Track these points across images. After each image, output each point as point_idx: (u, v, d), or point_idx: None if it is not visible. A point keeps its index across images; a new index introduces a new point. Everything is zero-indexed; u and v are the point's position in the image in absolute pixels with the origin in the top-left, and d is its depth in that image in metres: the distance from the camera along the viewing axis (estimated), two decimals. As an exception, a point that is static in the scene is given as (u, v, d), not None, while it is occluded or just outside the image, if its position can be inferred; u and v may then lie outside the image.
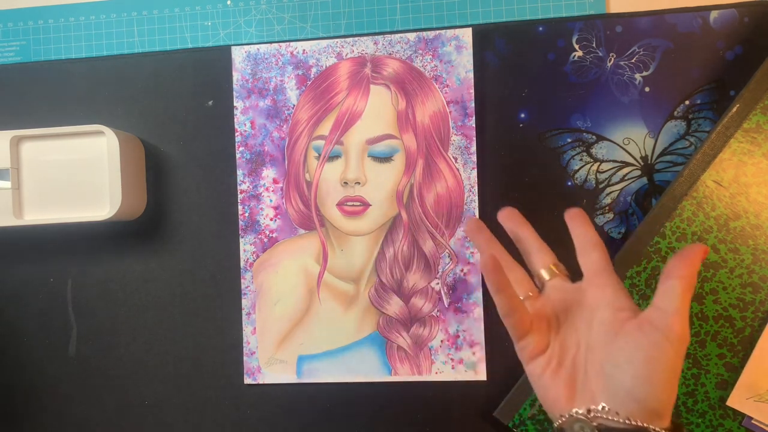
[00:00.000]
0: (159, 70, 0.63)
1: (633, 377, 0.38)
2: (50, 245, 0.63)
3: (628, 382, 0.38)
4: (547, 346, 0.43)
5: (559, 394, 0.41)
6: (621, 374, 0.38)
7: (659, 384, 0.37)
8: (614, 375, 0.38)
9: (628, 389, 0.38)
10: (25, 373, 0.64)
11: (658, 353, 0.37)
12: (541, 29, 0.58)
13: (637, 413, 0.37)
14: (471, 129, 0.58)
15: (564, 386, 0.41)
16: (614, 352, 0.39)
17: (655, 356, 0.37)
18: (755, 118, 0.51)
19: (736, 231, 0.51)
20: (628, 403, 0.38)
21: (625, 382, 0.38)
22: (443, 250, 0.58)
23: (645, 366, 0.37)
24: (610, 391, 0.38)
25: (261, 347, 0.60)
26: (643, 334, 0.38)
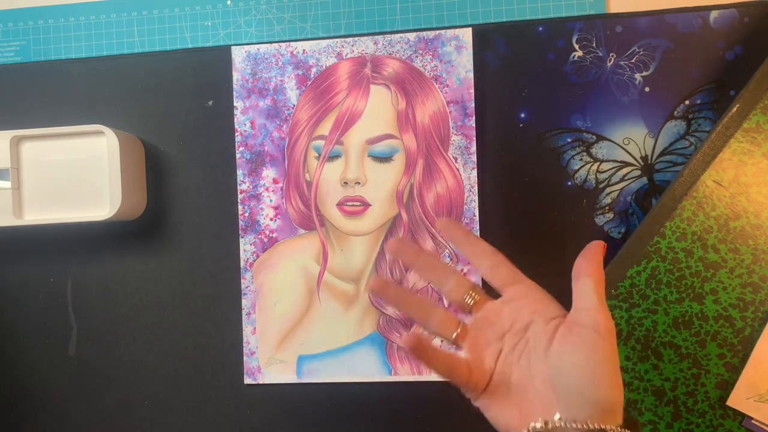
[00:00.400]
0: (159, 70, 0.63)
1: (580, 379, 0.38)
2: (50, 245, 0.63)
3: (576, 386, 0.38)
4: (489, 378, 0.42)
5: (512, 416, 0.41)
6: (568, 379, 0.38)
7: (605, 379, 0.38)
8: (562, 382, 0.39)
9: (578, 392, 0.38)
10: (25, 373, 0.64)
11: (595, 349, 0.38)
12: (541, 29, 0.58)
13: (593, 416, 0.37)
14: (471, 129, 0.58)
15: (516, 408, 0.41)
16: (555, 360, 0.39)
17: (594, 353, 0.38)
18: (755, 118, 0.51)
19: (736, 231, 0.51)
20: (582, 406, 0.38)
21: (574, 386, 0.38)
22: (443, 250, 0.58)
23: (587, 365, 0.38)
24: (563, 400, 0.39)
25: (261, 347, 0.60)
26: (576, 335, 0.39)
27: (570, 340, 0.39)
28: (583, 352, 0.38)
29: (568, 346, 0.39)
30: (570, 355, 0.39)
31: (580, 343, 0.39)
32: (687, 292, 0.52)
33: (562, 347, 0.39)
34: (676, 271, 0.52)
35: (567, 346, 0.39)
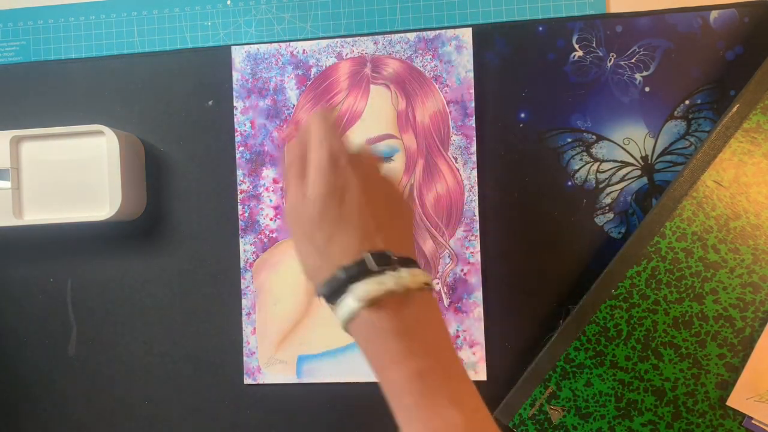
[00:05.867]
0: (159, 70, 0.63)
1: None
2: (50, 245, 0.63)
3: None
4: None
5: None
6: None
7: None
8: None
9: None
10: (25, 373, 0.64)
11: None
12: (541, 29, 0.58)
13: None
14: (471, 129, 0.58)
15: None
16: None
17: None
18: (755, 117, 0.51)
19: (737, 231, 0.51)
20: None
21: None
22: (443, 250, 0.58)
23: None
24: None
25: (261, 347, 0.60)
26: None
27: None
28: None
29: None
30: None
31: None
32: (687, 292, 0.52)
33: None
34: (677, 271, 0.52)
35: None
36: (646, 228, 0.53)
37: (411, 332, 0.33)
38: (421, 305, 0.34)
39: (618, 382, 0.53)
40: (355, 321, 0.34)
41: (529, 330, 0.57)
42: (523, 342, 0.57)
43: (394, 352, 0.33)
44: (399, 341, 0.33)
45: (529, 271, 0.58)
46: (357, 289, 0.34)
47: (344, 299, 0.34)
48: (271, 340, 0.60)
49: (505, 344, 0.58)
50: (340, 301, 0.35)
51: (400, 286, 0.33)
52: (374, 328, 0.34)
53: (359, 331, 0.35)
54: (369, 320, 0.34)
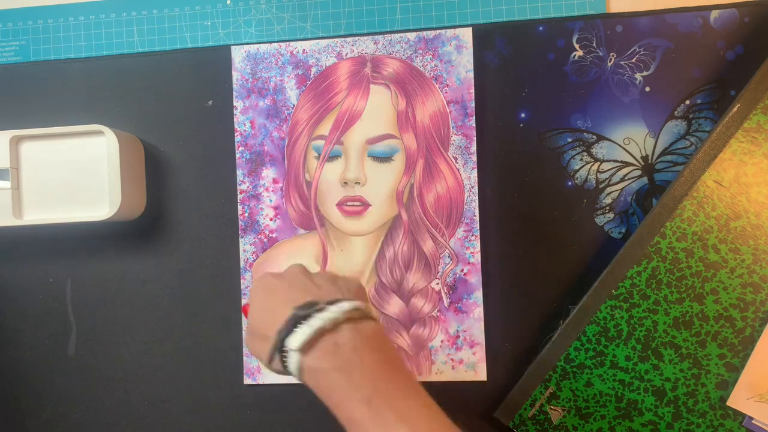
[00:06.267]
0: (159, 70, 0.63)
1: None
2: (50, 245, 0.63)
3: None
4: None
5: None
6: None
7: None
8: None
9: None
10: (25, 373, 0.64)
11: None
12: (541, 29, 0.58)
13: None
14: (471, 129, 0.58)
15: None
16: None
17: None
18: (756, 117, 0.51)
19: (737, 231, 0.51)
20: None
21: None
22: (443, 250, 0.58)
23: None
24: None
25: (261, 347, 0.60)
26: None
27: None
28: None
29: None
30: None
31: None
32: (687, 292, 0.52)
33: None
34: (677, 271, 0.52)
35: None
36: (646, 228, 0.53)
37: (349, 365, 0.35)
38: (355, 332, 0.35)
39: (618, 383, 0.53)
40: (304, 371, 0.36)
41: (529, 330, 0.57)
42: (523, 342, 0.57)
43: (340, 389, 0.34)
44: (340, 376, 0.34)
45: (529, 271, 0.58)
46: (291, 342, 0.36)
47: (288, 356, 0.36)
48: (271, 340, 0.60)
49: (505, 344, 0.58)
50: (287, 360, 0.37)
51: (327, 322, 0.35)
52: (317, 370, 0.35)
53: (310, 379, 0.36)
54: (311, 365, 0.35)
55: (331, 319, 0.35)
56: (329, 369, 0.35)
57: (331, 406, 0.36)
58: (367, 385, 0.34)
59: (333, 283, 0.40)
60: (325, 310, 0.36)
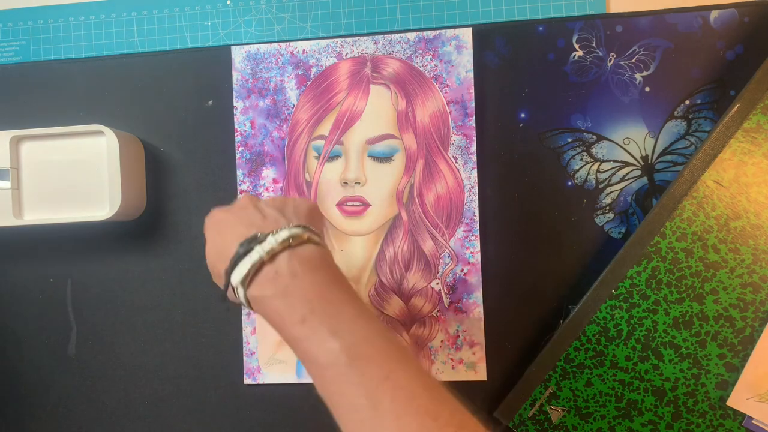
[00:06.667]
0: (159, 70, 0.63)
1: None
2: (50, 245, 0.63)
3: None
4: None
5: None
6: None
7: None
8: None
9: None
10: (25, 373, 0.64)
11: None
12: (541, 29, 0.58)
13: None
14: (471, 129, 0.58)
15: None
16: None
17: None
18: (755, 117, 0.51)
19: (737, 231, 0.51)
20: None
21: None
22: (443, 250, 0.58)
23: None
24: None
25: (261, 347, 0.60)
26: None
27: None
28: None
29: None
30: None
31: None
32: (687, 292, 0.52)
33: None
34: (677, 271, 0.52)
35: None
36: (646, 228, 0.53)
37: (287, 289, 0.36)
38: (292, 259, 0.37)
39: (618, 382, 0.53)
40: (251, 301, 0.38)
41: (529, 330, 0.57)
42: (523, 342, 0.57)
43: (280, 313, 0.36)
44: (279, 302, 0.36)
45: (529, 271, 0.58)
46: (234, 277, 0.38)
47: (237, 290, 0.38)
48: (271, 340, 0.60)
49: (505, 344, 0.58)
50: (238, 294, 0.39)
51: (264, 254, 0.37)
52: (260, 299, 0.37)
53: (257, 308, 0.38)
54: (255, 295, 0.38)
55: (268, 251, 0.37)
56: (270, 296, 0.37)
57: (277, 330, 0.38)
58: (303, 305, 0.36)
59: (280, 211, 0.41)
60: (264, 241, 0.37)
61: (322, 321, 0.35)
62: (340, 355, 0.34)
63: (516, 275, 0.58)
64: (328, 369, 0.35)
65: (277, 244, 0.37)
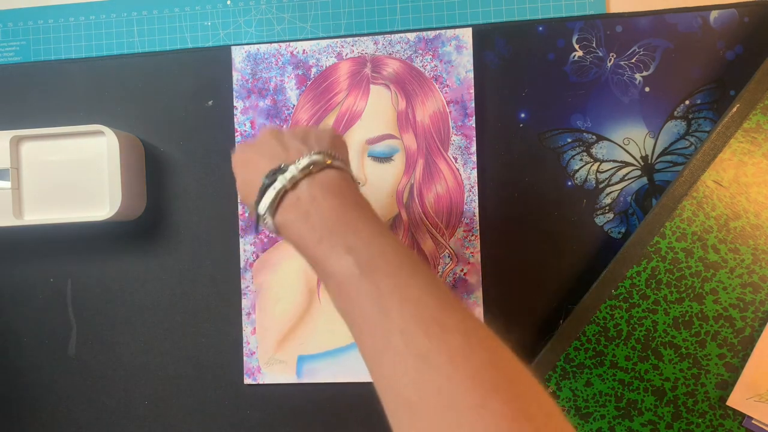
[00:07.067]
0: (159, 70, 0.63)
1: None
2: (50, 245, 0.63)
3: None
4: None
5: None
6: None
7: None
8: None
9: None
10: (25, 373, 0.64)
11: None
12: (541, 29, 0.58)
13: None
14: (471, 129, 0.58)
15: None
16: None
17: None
18: (755, 118, 0.51)
19: (737, 231, 0.51)
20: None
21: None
22: (443, 250, 0.58)
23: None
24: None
25: (261, 347, 0.60)
26: None
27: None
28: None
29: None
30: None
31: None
32: (687, 292, 0.52)
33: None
34: (676, 271, 0.52)
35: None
36: (646, 228, 0.53)
37: (308, 213, 0.38)
38: (312, 184, 0.39)
39: (618, 382, 0.53)
40: (278, 228, 0.41)
41: (529, 330, 0.57)
42: (523, 342, 0.57)
43: (302, 236, 0.38)
44: (301, 225, 0.38)
45: (529, 271, 0.58)
46: (260, 207, 0.40)
47: (265, 220, 0.41)
48: (271, 340, 0.60)
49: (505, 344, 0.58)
50: (267, 223, 0.41)
51: (286, 182, 0.39)
52: (284, 224, 0.40)
53: (283, 233, 0.40)
54: (279, 221, 0.40)
55: (290, 179, 0.39)
56: (293, 220, 0.39)
57: (301, 253, 0.40)
58: (322, 227, 0.38)
59: (302, 141, 0.43)
60: (286, 171, 0.39)
61: (339, 239, 0.37)
62: (353, 269, 0.36)
63: (516, 275, 0.58)
64: (344, 283, 0.36)
65: (298, 172, 0.39)
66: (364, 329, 0.35)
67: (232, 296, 0.61)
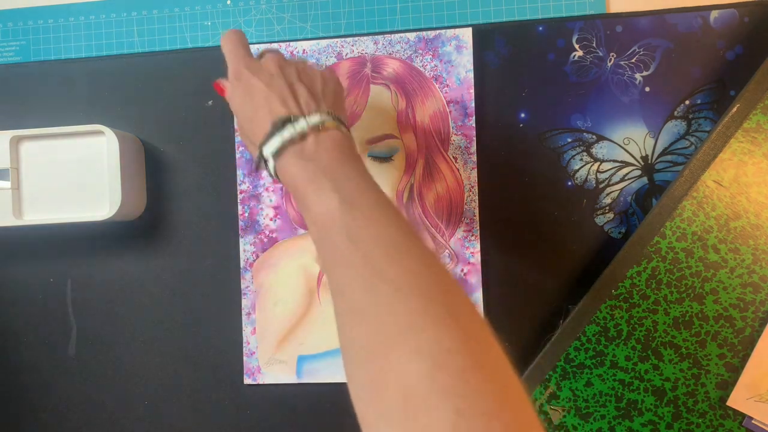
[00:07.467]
0: (159, 70, 0.63)
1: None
2: (50, 245, 0.63)
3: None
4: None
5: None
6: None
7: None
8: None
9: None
10: (25, 373, 0.64)
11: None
12: (541, 29, 0.58)
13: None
14: (471, 129, 0.58)
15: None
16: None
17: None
18: (755, 117, 0.51)
19: (737, 231, 0.51)
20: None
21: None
22: (443, 250, 0.58)
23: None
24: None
25: (261, 347, 0.60)
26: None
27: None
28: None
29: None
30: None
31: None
32: (687, 292, 0.52)
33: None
34: (677, 271, 0.52)
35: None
36: (646, 228, 0.53)
37: (309, 162, 0.41)
38: (317, 140, 0.42)
39: (618, 382, 0.53)
40: (278, 171, 0.43)
41: (529, 330, 0.57)
42: (523, 342, 0.57)
43: (298, 179, 0.41)
44: (299, 170, 0.41)
45: (529, 271, 0.58)
46: (266, 150, 0.43)
47: (267, 161, 0.44)
48: (271, 340, 0.60)
49: (505, 344, 0.58)
50: (268, 163, 0.44)
51: (296, 133, 0.42)
52: (285, 169, 0.42)
53: (282, 177, 0.43)
54: (280, 166, 0.43)
55: (299, 131, 0.42)
56: (293, 164, 0.42)
57: (293, 196, 0.43)
58: (316, 172, 0.41)
59: (310, 91, 0.45)
60: (296, 123, 0.42)
61: (329, 183, 0.40)
62: (336, 205, 0.39)
63: (516, 275, 0.58)
64: (325, 222, 0.39)
65: (307, 128, 0.42)
66: (335, 259, 0.38)
67: (232, 296, 0.61)
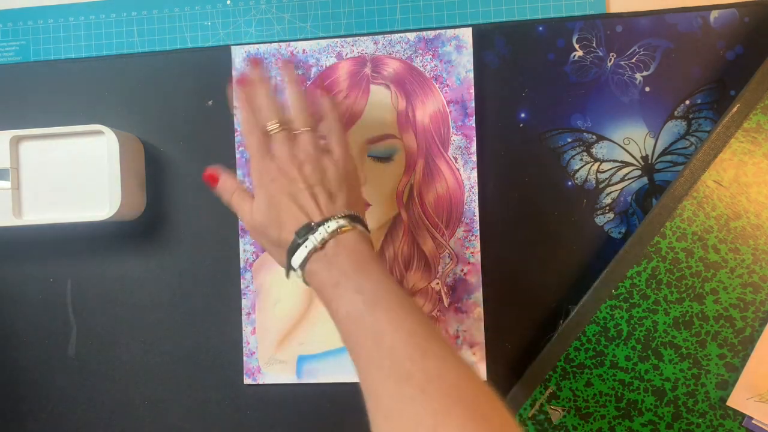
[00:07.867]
0: (159, 70, 0.63)
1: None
2: (50, 245, 0.63)
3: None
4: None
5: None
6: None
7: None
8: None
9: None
10: (25, 373, 0.64)
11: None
12: (541, 29, 0.58)
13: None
14: (471, 129, 0.58)
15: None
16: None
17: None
18: (756, 117, 0.51)
19: (737, 231, 0.51)
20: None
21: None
22: (443, 250, 0.58)
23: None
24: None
25: (261, 347, 0.60)
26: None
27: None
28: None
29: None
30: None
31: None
32: (687, 292, 0.52)
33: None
34: (677, 271, 0.52)
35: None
36: (646, 228, 0.53)
37: (331, 265, 0.45)
38: (336, 244, 0.46)
39: (618, 383, 0.53)
40: (306, 277, 0.47)
41: (529, 330, 0.57)
42: (523, 342, 0.57)
43: (322, 282, 0.45)
44: (324, 274, 0.45)
45: (529, 271, 0.58)
46: (294, 262, 0.47)
47: (296, 270, 0.47)
48: (271, 340, 0.60)
49: (505, 344, 0.58)
50: (296, 272, 0.47)
51: (318, 243, 0.45)
52: (312, 274, 0.46)
53: (310, 281, 0.47)
54: (308, 271, 0.46)
55: (320, 240, 0.45)
56: (317, 270, 0.45)
57: (319, 297, 0.46)
58: (339, 274, 0.44)
59: (329, 196, 0.48)
60: (316, 231, 0.46)
61: (352, 284, 0.44)
62: (360, 306, 0.42)
63: (516, 275, 0.58)
64: (350, 320, 0.43)
65: (326, 234, 0.46)
66: (361, 355, 0.42)
67: (232, 296, 0.61)
